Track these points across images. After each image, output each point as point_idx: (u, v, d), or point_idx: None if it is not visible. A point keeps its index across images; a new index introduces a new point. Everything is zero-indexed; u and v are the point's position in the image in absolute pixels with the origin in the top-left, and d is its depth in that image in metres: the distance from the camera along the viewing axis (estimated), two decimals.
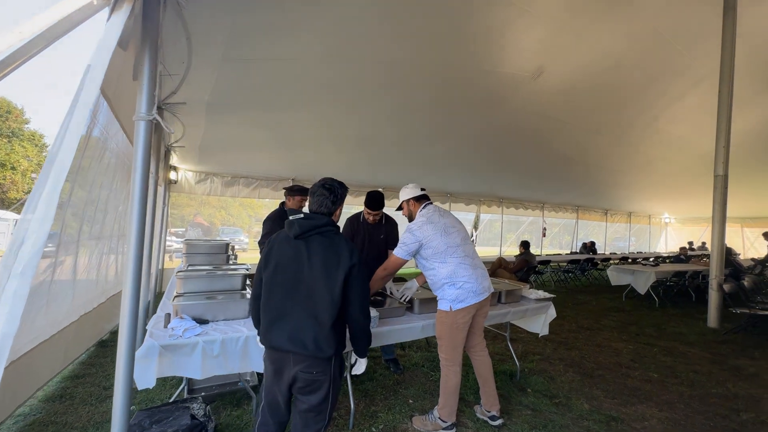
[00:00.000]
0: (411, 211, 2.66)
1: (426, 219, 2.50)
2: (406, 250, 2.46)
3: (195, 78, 3.16)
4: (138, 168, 1.46)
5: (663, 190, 11.96)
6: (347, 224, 3.37)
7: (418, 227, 2.47)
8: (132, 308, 1.46)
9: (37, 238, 1.15)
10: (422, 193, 2.66)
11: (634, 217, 16.00)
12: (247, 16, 2.65)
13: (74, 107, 1.20)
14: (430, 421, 2.52)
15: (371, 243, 3.30)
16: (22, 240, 1.15)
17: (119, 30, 1.28)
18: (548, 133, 6.66)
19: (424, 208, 2.59)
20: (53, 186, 1.13)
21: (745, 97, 6.32)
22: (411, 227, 2.51)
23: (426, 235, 2.44)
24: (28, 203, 1.19)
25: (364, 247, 3.28)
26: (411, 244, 2.46)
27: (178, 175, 6.62)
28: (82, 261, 3.11)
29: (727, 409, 2.97)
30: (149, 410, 1.98)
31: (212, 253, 3.98)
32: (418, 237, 2.46)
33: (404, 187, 2.70)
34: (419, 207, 2.61)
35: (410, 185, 2.68)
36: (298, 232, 1.63)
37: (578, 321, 5.64)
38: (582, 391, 3.22)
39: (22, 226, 1.16)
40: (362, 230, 3.31)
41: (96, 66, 1.23)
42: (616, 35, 4.60)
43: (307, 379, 1.60)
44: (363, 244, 3.29)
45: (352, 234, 3.31)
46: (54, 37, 1.37)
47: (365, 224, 3.32)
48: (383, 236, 3.34)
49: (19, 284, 1.11)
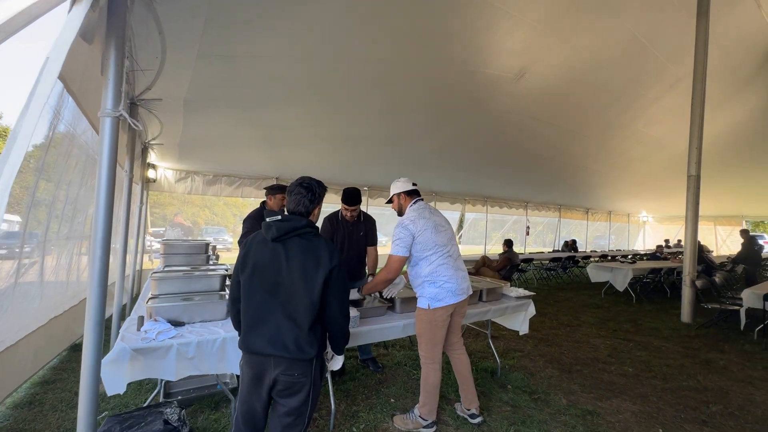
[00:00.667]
0: (401, 205, 2.63)
1: (417, 214, 2.49)
2: (403, 245, 2.42)
3: (171, 74, 3.08)
4: (104, 166, 1.41)
5: (641, 189, 12.32)
6: (326, 223, 3.33)
7: (411, 221, 2.45)
8: (97, 312, 1.41)
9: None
10: (414, 188, 2.65)
11: (614, 215, 16.43)
12: (222, 11, 2.59)
13: (30, 101, 1.15)
14: (411, 419, 2.53)
15: (351, 241, 3.28)
16: None
17: (79, 21, 1.23)
18: (531, 133, 6.77)
19: (415, 204, 2.58)
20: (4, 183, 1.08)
21: (718, 99, 6.56)
22: (403, 222, 2.48)
23: (418, 229, 2.43)
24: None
25: (344, 246, 3.26)
26: (405, 238, 2.42)
27: (157, 173, 6.45)
28: (50, 262, 2.99)
29: (697, 402, 3.07)
30: (120, 416, 1.92)
31: (191, 253, 3.87)
32: (411, 230, 2.43)
33: (396, 180, 2.67)
34: (410, 202, 2.60)
35: (402, 179, 2.66)
36: (276, 235, 1.59)
37: (559, 318, 5.75)
38: (560, 386, 3.28)
39: None
40: (341, 228, 3.28)
41: (54, 58, 1.18)
42: (596, 39, 4.71)
43: (287, 381, 1.58)
44: (343, 242, 3.27)
45: (332, 232, 3.27)
46: (12, 30, 1.31)
47: (344, 222, 3.29)
48: (363, 233, 3.33)
49: None
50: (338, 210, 3.32)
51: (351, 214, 3.21)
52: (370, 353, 3.57)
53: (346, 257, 3.24)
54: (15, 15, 1.28)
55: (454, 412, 2.74)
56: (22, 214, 2.45)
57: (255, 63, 3.50)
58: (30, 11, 1.31)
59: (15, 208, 2.43)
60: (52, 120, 2.15)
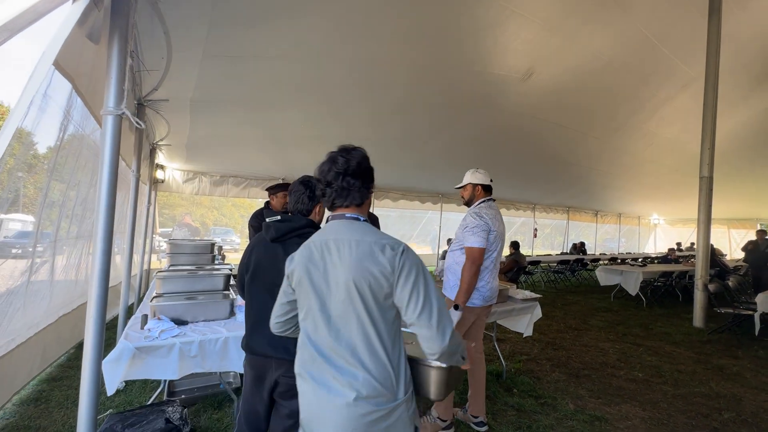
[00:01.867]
0: (474, 195, 2.54)
1: (494, 214, 2.42)
2: (484, 235, 2.30)
3: (177, 74, 3.11)
4: (106, 164, 1.42)
5: (652, 191, 12.11)
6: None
7: (490, 218, 2.37)
8: (98, 309, 1.41)
9: None
10: (491, 184, 2.58)
11: (624, 218, 16.18)
12: (226, 11, 2.60)
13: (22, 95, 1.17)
14: (429, 422, 2.49)
15: None
16: None
17: (77, 16, 1.24)
18: (539, 134, 6.69)
19: (489, 202, 2.51)
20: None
21: (731, 99, 6.42)
22: (479, 212, 2.38)
23: (494, 228, 2.36)
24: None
25: None
26: (484, 228, 2.31)
27: (165, 173, 6.52)
28: (61, 261, 3.03)
29: (709, 408, 2.99)
30: (122, 414, 1.93)
31: (197, 253, 3.91)
32: (489, 225, 2.34)
33: (476, 170, 2.58)
34: (483, 197, 2.52)
35: (482, 171, 2.58)
36: (275, 236, 1.58)
37: (566, 321, 5.66)
38: (568, 391, 3.22)
39: None
40: None
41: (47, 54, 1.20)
42: (606, 38, 4.64)
43: (289, 383, 1.56)
44: None
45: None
46: (18, 27, 1.33)
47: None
48: None
49: None
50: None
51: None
52: None
53: None
54: (21, 13, 1.30)
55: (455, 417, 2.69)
56: (35, 214, 2.49)
57: (260, 63, 3.52)
58: (36, 9, 1.33)
59: (29, 208, 2.47)
60: (63, 121, 2.18)
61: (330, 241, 1.13)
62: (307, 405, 1.11)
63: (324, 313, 1.10)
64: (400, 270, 1.06)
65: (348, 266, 1.07)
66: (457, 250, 2.45)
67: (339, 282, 1.08)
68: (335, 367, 1.07)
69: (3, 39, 1.33)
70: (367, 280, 1.05)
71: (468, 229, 2.36)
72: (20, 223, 2.43)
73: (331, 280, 1.09)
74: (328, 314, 1.10)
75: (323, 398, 1.07)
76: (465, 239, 2.35)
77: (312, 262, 1.13)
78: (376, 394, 1.05)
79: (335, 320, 1.09)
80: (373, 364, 1.06)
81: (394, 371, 1.08)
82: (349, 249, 1.09)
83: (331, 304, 1.09)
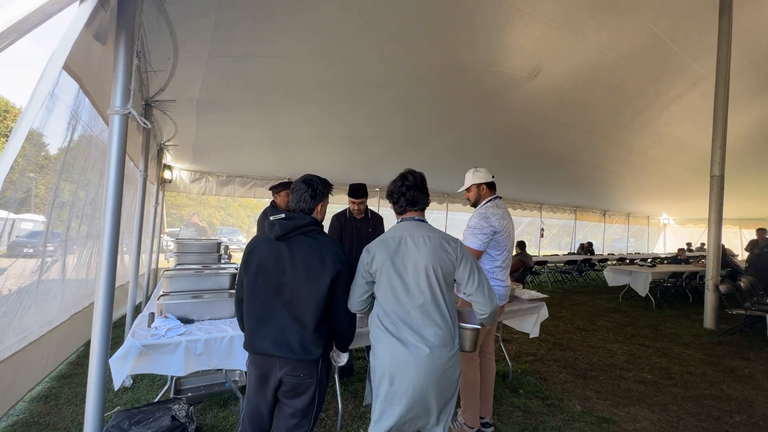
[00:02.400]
0: (480, 195, 2.49)
1: (502, 214, 2.37)
2: (483, 238, 2.24)
3: (183, 75, 3.13)
4: (113, 163, 1.44)
5: (661, 191, 11.94)
6: (334, 221, 3.37)
7: (497, 218, 2.30)
8: (105, 307, 1.43)
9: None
10: (493, 181, 2.51)
11: (633, 218, 15.98)
12: (231, 10, 2.61)
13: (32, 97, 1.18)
14: (456, 429, 2.46)
15: (359, 237, 3.30)
16: None
17: (84, 17, 1.25)
18: (546, 133, 6.63)
19: (496, 200, 2.45)
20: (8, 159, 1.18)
21: (743, 97, 6.30)
22: (485, 214, 2.31)
23: (502, 228, 2.30)
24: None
25: (353, 242, 3.27)
26: (486, 231, 2.24)
27: (172, 174, 6.58)
28: (72, 260, 3.08)
29: (720, 411, 2.93)
30: (129, 411, 1.95)
31: (203, 252, 3.93)
32: (495, 227, 2.26)
33: (475, 170, 2.51)
34: (489, 196, 2.47)
35: (482, 169, 2.51)
36: (279, 234, 1.57)
37: (573, 322, 5.60)
38: (575, 392, 3.19)
39: None
40: (350, 225, 3.32)
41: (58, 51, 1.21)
42: (613, 35, 4.58)
43: (293, 382, 1.56)
44: (351, 239, 3.29)
45: (340, 229, 3.31)
46: (25, 28, 1.34)
47: (352, 219, 3.33)
48: (371, 230, 3.35)
49: None
50: (346, 208, 3.36)
51: (358, 208, 3.23)
52: None
53: (356, 253, 3.25)
54: (29, 14, 1.32)
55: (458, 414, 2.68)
56: (46, 214, 2.52)
57: (265, 63, 3.53)
58: (43, 10, 1.35)
59: (41, 209, 2.51)
60: (71, 121, 2.20)
61: (406, 236, 1.59)
62: (392, 358, 1.52)
63: (405, 287, 1.54)
64: (461, 257, 1.58)
65: (425, 254, 1.54)
66: None
67: (418, 265, 1.54)
68: (413, 328, 1.52)
69: (11, 40, 1.35)
70: (439, 263, 1.55)
71: (469, 229, 2.34)
72: (32, 222, 2.48)
73: (408, 264, 1.55)
74: (407, 288, 1.54)
75: (405, 352, 1.50)
76: (465, 239, 2.34)
77: (392, 251, 1.58)
78: (443, 344, 1.52)
79: (413, 293, 1.53)
80: (442, 322, 1.54)
81: (453, 328, 1.58)
82: (423, 242, 1.57)
83: (409, 281, 1.54)
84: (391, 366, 1.52)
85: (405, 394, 1.50)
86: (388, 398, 1.54)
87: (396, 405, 1.52)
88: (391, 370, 1.52)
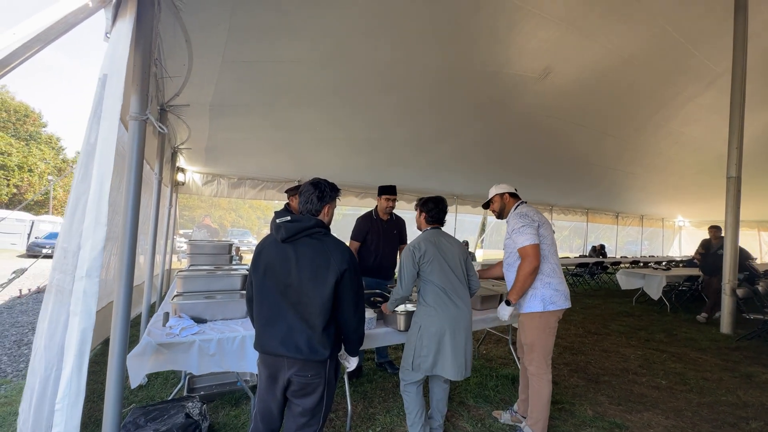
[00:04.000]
0: (505, 204, 2.56)
1: (534, 211, 2.42)
2: (533, 231, 2.27)
3: (198, 80, 3.20)
4: (132, 169, 1.48)
5: (677, 192, 11.68)
6: (360, 222, 3.48)
7: (534, 212, 2.39)
8: (124, 308, 1.47)
9: (95, 242, 1.31)
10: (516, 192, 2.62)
11: (647, 220, 15.67)
12: (244, 17, 2.66)
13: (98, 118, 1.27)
14: (511, 415, 2.59)
15: (386, 238, 3.42)
16: (79, 245, 1.31)
17: (128, 37, 1.33)
18: (557, 134, 6.57)
19: (523, 205, 2.50)
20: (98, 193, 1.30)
21: (759, 97, 6.15)
22: (520, 213, 2.39)
23: (541, 221, 2.36)
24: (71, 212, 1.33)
25: (379, 243, 3.39)
26: (532, 224, 2.29)
27: (185, 176, 6.71)
28: None
29: (736, 418, 2.87)
30: (145, 408, 2.00)
31: (215, 253, 4.02)
32: (534, 219, 2.33)
33: (495, 185, 2.64)
34: (514, 204, 2.54)
35: (503, 183, 2.64)
36: (285, 236, 1.60)
37: (585, 325, 5.53)
38: (586, 396, 3.15)
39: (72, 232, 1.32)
40: (376, 226, 3.43)
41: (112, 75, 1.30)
42: (625, 34, 4.53)
43: (301, 382, 1.59)
44: (378, 239, 3.39)
45: (366, 230, 3.41)
46: (49, 38, 1.40)
47: (379, 221, 3.45)
48: (396, 231, 3.48)
49: (87, 284, 1.28)
50: (371, 210, 3.51)
51: (391, 205, 3.40)
52: (387, 356, 3.56)
53: (382, 253, 3.40)
54: (53, 24, 1.38)
55: (471, 418, 2.68)
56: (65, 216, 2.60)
57: (276, 68, 3.59)
58: (67, 20, 1.41)
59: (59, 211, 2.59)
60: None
61: (441, 237, 2.35)
62: (441, 319, 2.18)
63: (447, 268, 2.25)
64: (467, 256, 2.38)
65: (455, 250, 2.32)
66: (516, 263, 2.36)
67: (454, 255, 2.30)
68: (453, 295, 2.22)
69: (37, 49, 1.42)
70: (463, 256, 2.34)
71: (515, 231, 2.33)
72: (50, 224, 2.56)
73: (447, 253, 2.28)
74: (449, 269, 2.25)
75: (457, 312, 2.20)
76: (516, 242, 2.31)
77: (435, 246, 2.27)
78: (468, 306, 2.28)
79: (452, 272, 2.26)
80: (466, 291, 2.31)
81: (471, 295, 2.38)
82: (451, 243, 2.35)
83: (450, 264, 2.26)
84: (441, 325, 2.17)
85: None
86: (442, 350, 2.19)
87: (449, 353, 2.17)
88: (441, 330, 2.17)
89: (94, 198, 1.28)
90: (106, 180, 1.30)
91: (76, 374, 1.26)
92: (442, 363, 2.17)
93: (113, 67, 1.34)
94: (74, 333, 1.26)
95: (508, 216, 2.50)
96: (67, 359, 1.26)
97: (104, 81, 1.37)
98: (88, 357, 1.28)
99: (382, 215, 3.44)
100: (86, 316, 1.25)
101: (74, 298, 1.24)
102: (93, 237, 1.26)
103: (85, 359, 1.27)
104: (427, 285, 2.23)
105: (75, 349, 1.26)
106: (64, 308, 1.31)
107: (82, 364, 1.27)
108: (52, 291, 1.40)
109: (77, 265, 1.25)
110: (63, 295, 1.33)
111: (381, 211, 3.45)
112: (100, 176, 1.29)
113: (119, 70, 1.33)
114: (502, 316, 2.43)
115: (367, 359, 3.65)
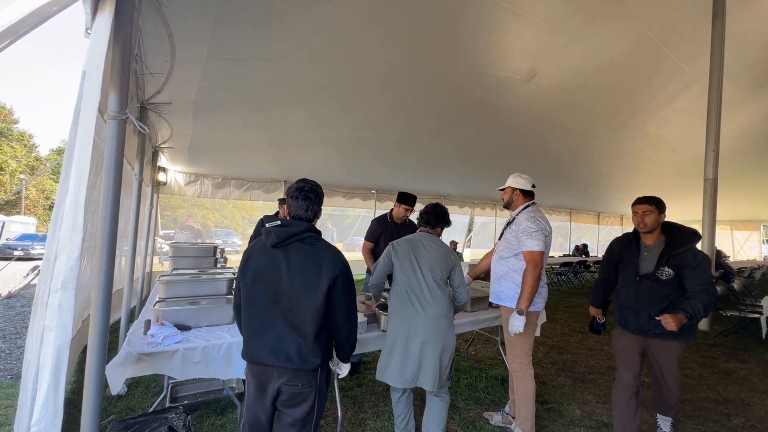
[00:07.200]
0: (513, 199, 2.57)
1: (544, 218, 2.44)
2: (541, 238, 2.31)
3: (180, 77, 3.09)
4: (111, 169, 1.40)
5: (654, 192, 11.78)
6: (375, 225, 3.55)
7: (544, 222, 2.40)
8: (102, 317, 1.39)
9: (71, 251, 1.20)
10: (533, 190, 2.59)
11: (626, 219, 16.12)
12: (230, 13, 2.57)
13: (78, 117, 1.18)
14: (501, 416, 2.59)
15: None
16: (56, 254, 1.20)
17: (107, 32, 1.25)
18: (541, 135, 6.67)
19: (533, 206, 2.51)
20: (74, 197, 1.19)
21: (735, 100, 6.39)
22: (534, 217, 2.39)
23: (550, 231, 2.41)
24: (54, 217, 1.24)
25: None
26: (544, 232, 2.34)
27: (167, 176, 6.51)
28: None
29: (717, 414, 2.95)
30: (125, 421, 1.90)
31: (199, 256, 3.89)
32: (547, 229, 2.38)
33: (518, 175, 2.60)
34: (524, 202, 2.53)
35: (525, 176, 2.59)
36: (275, 242, 1.54)
37: (570, 324, 5.62)
38: (574, 396, 3.19)
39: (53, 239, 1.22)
40: (390, 230, 3.47)
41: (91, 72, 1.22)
42: (608, 38, 4.62)
43: (292, 392, 1.54)
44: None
45: (380, 232, 3.47)
46: (20, 31, 1.31)
47: (393, 224, 3.51)
48: None
49: (63, 297, 1.19)
50: (387, 213, 3.58)
51: (407, 215, 3.50)
52: None
53: None
54: (24, 17, 1.29)
55: (462, 421, 2.67)
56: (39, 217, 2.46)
57: (263, 65, 3.50)
58: (39, 13, 1.32)
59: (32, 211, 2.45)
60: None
61: (422, 240, 2.28)
62: (405, 322, 2.15)
63: (416, 272, 2.19)
64: (454, 265, 2.25)
65: (431, 257, 2.21)
66: (511, 258, 2.44)
67: (425, 261, 2.20)
68: (415, 300, 2.16)
69: (6, 43, 1.32)
70: (440, 265, 2.21)
71: (526, 233, 2.34)
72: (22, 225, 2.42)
73: (421, 259, 2.21)
74: (419, 272, 2.18)
75: (415, 316, 2.13)
76: (524, 244, 2.33)
77: (412, 247, 2.25)
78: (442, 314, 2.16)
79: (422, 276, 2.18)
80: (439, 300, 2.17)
81: (448, 302, 2.22)
82: (431, 247, 2.25)
83: (422, 268, 2.19)
84: (403, 329, 2.14)
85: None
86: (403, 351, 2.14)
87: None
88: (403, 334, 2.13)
89: (72, 202, 1.20)
90: (83, 186, 1.22)
91: (53, 393, 1.17)
92: (391, 369, 2.12)
93: (92, 63, 1.26)
94: (49, 349, 1.16)
95: (519, 214, 2.50)
96: (43, 377, 1.16)
97: (83, 78, 1.30)
98: (65, 375, 1.19)
99: (397, 219, 3.53)
100: (62, 330, 1.16)
101: (49, 312, 1.15)
102: (69, 245, 1.17)
103: (62, 377, 1.18)
104: (395, 284, 2.24)
105: (50, 367, 1.16)
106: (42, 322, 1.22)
107: (59, 383, 1.18)
108: (37, 304, 1.30)
109: (53, 276, 1.16)
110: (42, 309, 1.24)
111: (396, 216, 3.53)
112: (77, 181, 1.21)
113: (98, 67, 1.25)
114: (516, 328, 2.28)
115: (364, 362, 3.60)
